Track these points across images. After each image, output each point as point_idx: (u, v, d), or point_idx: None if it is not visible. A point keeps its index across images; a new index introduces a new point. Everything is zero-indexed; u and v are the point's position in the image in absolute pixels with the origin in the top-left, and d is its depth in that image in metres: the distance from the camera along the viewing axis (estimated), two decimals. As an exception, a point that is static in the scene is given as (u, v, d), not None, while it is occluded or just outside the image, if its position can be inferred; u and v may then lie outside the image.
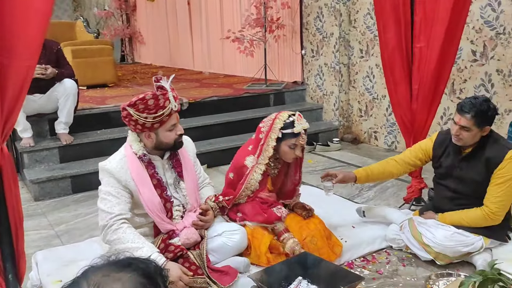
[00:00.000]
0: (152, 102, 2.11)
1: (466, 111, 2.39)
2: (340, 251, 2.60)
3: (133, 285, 0.86)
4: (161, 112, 2.14)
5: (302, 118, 2.50)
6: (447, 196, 2.63)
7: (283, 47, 5.76)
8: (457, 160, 2.57)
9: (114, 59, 6.16)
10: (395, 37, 2.98)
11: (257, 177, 2.48)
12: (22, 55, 1.75)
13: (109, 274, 0.87)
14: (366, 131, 5.07)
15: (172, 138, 2.24)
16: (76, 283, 0.88)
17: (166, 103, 2.14)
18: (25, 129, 3.85)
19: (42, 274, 2.42)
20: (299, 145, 2.47)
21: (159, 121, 2.16)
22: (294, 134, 2.44)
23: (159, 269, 0.93)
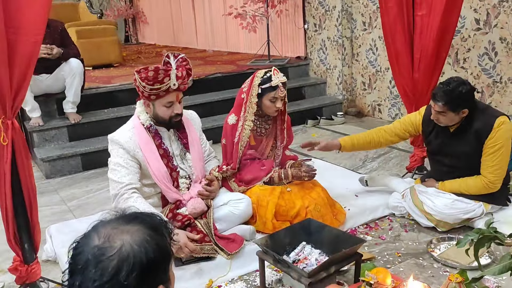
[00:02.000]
0: (152, 74, 2.18)
1: (438, 99, 2.42)
2: (343, 218, 2.67)
3: (141, 235, 0.92)
4: (158, 86, 2.20)
5: (278, 72, 2.61)
6: (442, 170, 2.67)
7: (285, 22, 5.74)
8: (446, 137, 2.59)
9: (118, 39, 6.18)
10: (396, 5, 2.98)
11: (247, 133, 2.61)
12: (28, 31, 1.80)
13: (118, 227, 0.94)
14: (370, 104, 5.08)
15: (167, 114, 2.30)
16: (88, 236, 0.95)
17: (166, 79, 2.20)
18: (33, 109, 3.92)
19: (57, 246, 2.52)
20: (278, 97, 2.58)
21: (155, 94, 2.23)
22: (272, 88, 2.57)
23: (164, 222, 0.99)
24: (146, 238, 0.92)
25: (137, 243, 0.90)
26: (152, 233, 0.94)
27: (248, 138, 2.63)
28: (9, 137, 1.84)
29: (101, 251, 0.90)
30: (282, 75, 2.61)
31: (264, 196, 2.54)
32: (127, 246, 0.90)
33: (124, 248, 0.89)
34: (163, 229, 0.97)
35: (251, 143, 2.69)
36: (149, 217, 0.98)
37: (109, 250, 0.89)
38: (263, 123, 2.73)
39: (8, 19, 1.74)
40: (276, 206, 2.51)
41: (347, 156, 3.93)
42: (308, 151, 2.88)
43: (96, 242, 0.92)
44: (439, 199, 2.55)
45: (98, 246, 0.91)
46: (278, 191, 2.58)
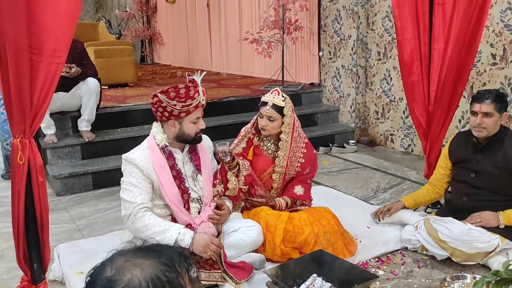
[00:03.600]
0: (184, 91, 2.25)
1: (486, 98, 2.54)
2: (354, 250, 2.62)
3: (151, 271, 0.89)
4: (190, 102, 2.26)
5: (278, 95, 2.69)
6: (464, 192, 2.67)
7: (300, 48, 5.80)
8: (472, 152, 2.64)
9: (135, 59, 6.28)
10: (414, 38, 3.00)
11: (243, 141, 2.77)
12: (52, 53, 1.83)
13: (131, 259, 0.92)
14: (382, 133, 5.06)
15: (194, 131, 2.35)
16: (103, 265, 0.93)
17: (196, 95, 2.28)
18: (48, 126, 3.96)
19: (64, 266, 2.50)
20: (264, 115, 2.65)
21: (186, 111, 2.28)
22: (263, 103, 2.68)
23: (183, 257, 0.96)
24: (157, 274, 0.89)
25: (146, 279, 0.88)
26: (165, 269, 0.90)
27: (242, 147, 2.73)
28: (26, 156, 1.85)
29: (110, 283, 0.88)
30: (280, 99, 2.66)
31: (272, 221, 2.52)
32: (135, 281, 0.87)
33: (132, 282, 0.87)
34: (180, 265, 0.94)
35: (248, 157, 2.72)
36: (168, 250, 0.96)
37: (117, 283, 0.88)
38: (269, 144, 2.77)
39: (33, 40, 1.78)
40: (283, 231, 2.48)
41: (358, 185, 3.90)
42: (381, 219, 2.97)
43: (107, 273, 0.90)
44: (455, 225, 2.52)
45: (108, 278, 0.89)
46: (286, 216, 2.55)
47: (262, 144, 2.79)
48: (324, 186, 3.84)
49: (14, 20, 1.68)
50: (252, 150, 2.75)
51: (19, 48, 1.73)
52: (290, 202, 2.76)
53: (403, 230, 2.81)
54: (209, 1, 7.54)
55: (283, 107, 2.66)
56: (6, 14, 1.67)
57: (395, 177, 4.08)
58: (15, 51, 1.72)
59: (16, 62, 1.74)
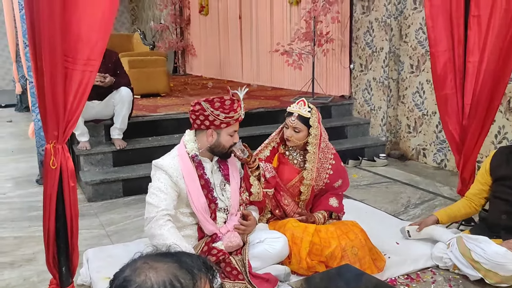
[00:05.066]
0: (229, 103, 2.30)
1: None
2: (383, 265, 2.55)
3: (165, 275, 0.89)
4: (232, 114, 2.31)
5: (304, 105, 2.66)
6: (503, 210, 2.57)
7: (331, 61, 5.77)
8: None
9: (167, 70, 6.40)
10: (448, 51, 2.93)
11: (267, 149, 2.79)
12: (86, 61, 1.89)
13: (149, 262, 0.92)
14: (414, 147, 4.95)
15: (229, 143, 2.39)
16: (125, 266, 0.94)
17: (238, 108, 2.33)
18: (82, 133, 4.08)
19: (92, 271, 2.54)
20: (290, 126, 2.64)
21: (227, 122, 2.32)
22: (289, 113, 2.67)
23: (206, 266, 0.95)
24: (170, 278, 0.89)
25: (158, 282, 0.87)
26: (181, 275, 0.90)
27: (265, 155, 2.74)
28: (58, 161, 1.90)
29: (124, 282, 0.89)
30: (306, 110, 2.64)
31: (298, 233, 2.48)
32: (147, 283, 0.87)
33: (144, 284, 0.87)
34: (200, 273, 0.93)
35: (274, 165, 2.71)
36: (190, 257, 0.95)
37: (131, 283, 0.88)
38: (298, 155, 2.74)
39: (68, 49, 1.84)
40: (310, 244, 2.45)
41: (388, 200, 3.81)
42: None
43: (126, 273, 0.91)
44: (490, 246, 2.41)
45: (125, 277, 0.90)
46: (313, 228, 2.52)
47: (288, 153, 2.78)
48: (352, 200, 3.77)
49: (51, 30, 1.75)
50: (277, 157, 2.74)
51: (54, 56, 1.79)
52: (326, 215, 2.73)
53: (434, 247, 2.72)
54: (241, 13, 7.63)
55: (309, 118, 2.64)
56: (43, 24, 1.74)
57: (427, 193, 3.96)
58: (51, 59, 1.79)
59: (52, 70, 1.80)
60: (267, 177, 2.59)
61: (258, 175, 2.53)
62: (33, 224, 3.39)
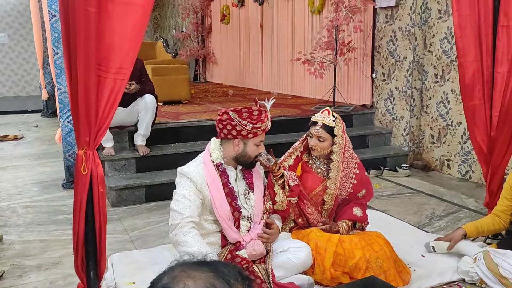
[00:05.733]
0: (256, 114, 2.33)
1: None
2: (408, 278, 2.52)
3: (203, 283, 0.90)
4: (260, 125, 2.33)
5: (329, 114, 2.67)
6: None
7: (353, 69, 5.76)
8: None
9: (189, 78, 6.47)
10: (476, 61, 2.89)
11: (290, 158, 2.79)
12: (117, 70, 1.93)
13: (187, 271, 0.93)
14: (438, 158, 4.88)
15: (255, 153, 2.40)
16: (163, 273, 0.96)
17: (265, 119, 2.35)
18: (107, 139, 4.14)
19: (117, 276, 2.57)
20: (314, 135, 2.65)
21: (254, 133, 2.34)
22: (313, 123, 2.69)
23: (242, 276, 0.96)
24: (208, 287, 0.90)
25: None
26: (218, 284, 0.90)
27: (288, 164, 2.74)
28: (89, 167, 1.94)
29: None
30: (330, 119, 2.64)
31: (322, 243, 2.47)
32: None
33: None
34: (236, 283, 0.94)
35: (297, 173, 2.71)
36: (227, 267, 0.96)
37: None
38: (322, 164, 2.74)
39: (100, 58, 1.88)
40: (334, 255, 2.43)
41: (412, 211, 3.76)
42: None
43: (164, 281, 0.92)
44: None
45: (163, 285, 0.91)
46: (337, 238, 2.50)
47: (312, 162, 2.78)
48: (375, 210, 3.73)
49: (86, 40, 1.79)
50: (300, 166, 2.73)
51: (88, 65, 1.83)
52: (350, 225, 2.71)
53: (461, 261, 2.67)
54: (262, 22, 7.68)
55: (334, 127, 2.64)
56: (79, 35, 1.78)
57: (452, 205, 3.90)
58: (85, 68, 1.83)
59: (85, 79, 1.84)
60: (291, 185, 2.58)
61: (282, 183, 2.53)
62: (59, 227, 3.45)
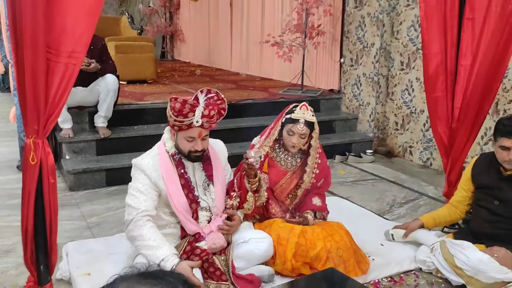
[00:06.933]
0: (178, 106, 2.17)
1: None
2: (367, 268, 2.55)
3: None
4: (181, 119, 2.19)
5: (307, 110, 2.58)
6: (485, 218, 2.57)
7: (322, 54, 5.72)
8: (496, 179, 2.53)
9: (154, 56, 6.28)
10: (440, 53, 2.90)
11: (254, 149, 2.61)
12: (69, 53, 1.80)
13: (133, 286, 0.88)
14: (401, 145, 4.96)
15: (187, 148, 2.27)
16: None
17: (190, 114, 2.18)
18: (65, 120, 3.97)
19: (72, 266, 2.48)
20: (296, 132, 2.54)
21: (178, 126, 2.22)
22: (293, 120, 2.55)
23: (187, 286, 0.92)
24: None
25: None
26: None
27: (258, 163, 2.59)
28: (38, 157, 1.83)
29: None
30: (310, 114, 2.57)
31: (284, 234, 2.46)
32: None
33: None
34: None
35: (264, 170, 2.65)
36: (172, 278, 0.92)
37: None
38: (290, 157, 2.69)
39: (51, 40, 1.75)
40: (296, 245, 2.43)
41: (374, 198, 3.81)
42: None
43: None
44: (474, 253, 2.41)
45: None
46: (299, 229, 2.50)
47: (276, 155, 2.73)
48: (339, 197, 3.76)
49: (32, 20, 1.66)
50: (267, 162, 2.69)
51: (36, 48, 1.70)
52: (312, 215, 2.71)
53: (418, 250, 2.73)
54: (232, 1, 7.51)
55: (313, 122, 2.60)
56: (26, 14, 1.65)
57: (412, 192, 3.98)
58: (32, 51, 1.70)
59: (33, 63, 1.72)
60: (264, 189, 2.55)
61: (256, 186, 2.48)
62: (12, 213, 3.30)
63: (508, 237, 2.48)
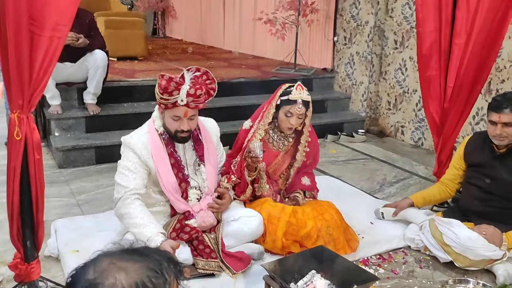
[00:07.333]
0: (164, 84, 2.13)
1: (505, 106, 2.41)
2: (356, 246, 2.57)
3: (137, 276, 0.84)
4: (166, 97, 2.14)
5: (302, 89, 2.53)
6: (476, 196, 2.59)
7: (315, 32, 5.64)
8: (490, 158, 2.55)
9: (145, 33, 6.16)
10: (434, 31, 2.86)
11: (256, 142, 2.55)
12: (53, 27, 1.74)
13: (116, 263, 0.86)
14: (393, 124, 4.95)
15: (173, 128, 2.23)
16: (85, 267, 0.87)
17: (175, 92, 2.14)
18: (53, 96, 3.90)
19: (60, 243, 2.47)
20: (294, 114, 2.49)
21: (164, 104, 2.17)
22: (290, 101, 2.49)
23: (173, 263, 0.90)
24: (142, 279, 0.84)
25: (130, 284, 0.82)
26: (152, 275, 0.85)
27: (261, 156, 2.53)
28: (23, 132, 1.79)
29: (91, 286, 0.82)
30: (306, 94, 2.53)
31: (275, 212, 2.46)
32: (118, 286, 0.81)
33: (115, 287, 0.82)
34: (169, 271, 0.88)
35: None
36: (157, 255, 0.90)
37: (99, 287, 0.82)
38: (282, 138, 2.66)
39: (33, 13, 1.69)
40: (286, 224, 2.43)
41: (365, 177, 3.82)
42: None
43: (89, 276, 0.84)
44: (463, 231, 2.43)
45: (89, 281, 0.84)
46: (290, 209, 2.50)
47: (268, 137, 2.69)
48: (329, 176, 3.76)
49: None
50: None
51: (18, 21, 1.64)
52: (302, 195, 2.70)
53: (407, 228, 2.75)
54: (225, -24, 7.35)
55: (309, 101, 2.56)
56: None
57: (403, 171, 3.99)
58: (15, 24, 1.64)
59: (16, 35, 1.66)
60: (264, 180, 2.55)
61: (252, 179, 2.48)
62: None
63: (497, 215, 2.50)
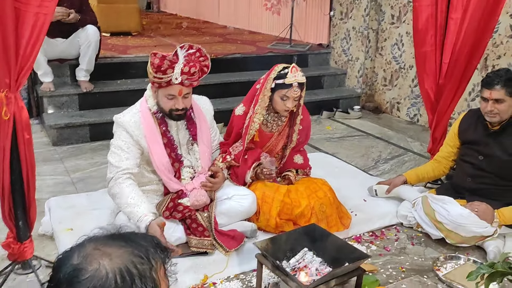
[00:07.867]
0: (157, 62, 2.09)
1: (496, 83, 2.41)
2: (349, 223, 2.58)
3: (121, 262, 0.82)
4: (160, 76, 2.10)
5: (297, 71, 2.46)
6: (469, 173, 2.60)
7: (311, 6, 5.55)
8: (483, 135, 2.55)
9: (139, 8, 6.04)
10: (430, 5, 2.81)
11: (255, 127, 2.51)
12: (40, 2, 1.70)
13: (100, 248, 0.84)
14: (388, 101, 4.93)
15: (167, 106, 2.20)
16: (71, 251, 0.86)
17: (169, 71, 2.10)
18: (46, 73, 3.85)
19: (54, 221, 2.47)
20: (290, 97, 2.44)
21: (157, 82, 2.14)
22: (286, 85, 2.43)
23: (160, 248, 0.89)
24: (127, 265, 0.82)
25: (114, 270, 0.80)
26: (137, 260, 0.83)
27: (255, 131, 2.53)
28: (11, 111, 1.76)
29: (75, 272, 0.81)
30: (301, 75, 2.46)
31: (270, 192, 2.46)
32: (102, 271, 0.80)
33: (98, 273, 0.80)
34: (155, 257, 0.87)
35: (255, 139, 2.58)
36: (143, 240, 0.88)
37: (82, 272, 0.80)
38: (275, 119, 2.62)
39: (19, -13, 1.64)
40: (281, 204, 2.43)
41: (359, 154, 3.82)
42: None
43: (74, 261, 0.83)
44: (455, 208, 2.44)
45: (73, 266, 0.82)
46: (285, 188, 2.50)
47: (267, 122, 2.62)
48: (324, 154, 3.76)
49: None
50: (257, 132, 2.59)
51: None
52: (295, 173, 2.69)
53: (400, 205, 2.77)
54: (220, -51, 7.18)
55: (304, 83, 2.50)
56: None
57: (398, 148, 3.99)
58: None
59: (0, 10, 1.61)
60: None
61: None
62: (-7, 168, 3.25)
63: (490, 192, 2.52)
